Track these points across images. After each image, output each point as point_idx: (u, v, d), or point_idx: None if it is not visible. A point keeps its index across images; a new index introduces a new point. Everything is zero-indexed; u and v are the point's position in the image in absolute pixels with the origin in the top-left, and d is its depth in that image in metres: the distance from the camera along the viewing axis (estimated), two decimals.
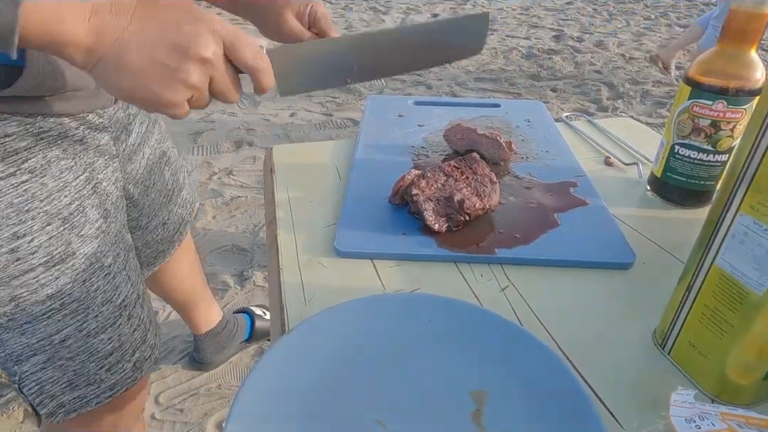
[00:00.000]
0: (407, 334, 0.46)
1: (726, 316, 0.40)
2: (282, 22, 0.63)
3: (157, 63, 0.41)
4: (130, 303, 0.65)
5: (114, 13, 0.40)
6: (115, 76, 0.41)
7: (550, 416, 0.39)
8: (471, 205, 0.60)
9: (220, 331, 1.28)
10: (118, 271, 0.64)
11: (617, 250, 0.58)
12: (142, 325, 0.68)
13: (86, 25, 0.39)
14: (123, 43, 0.40)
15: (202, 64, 0.42)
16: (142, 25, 0.41)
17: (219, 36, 0.43)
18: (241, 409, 0.38)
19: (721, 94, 0.59)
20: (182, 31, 0.41)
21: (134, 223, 0.78)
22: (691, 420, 0.37)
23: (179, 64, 0.42)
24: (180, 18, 0.42)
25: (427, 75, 3.25)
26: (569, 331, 0.49)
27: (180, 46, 0.41)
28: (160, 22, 0.41)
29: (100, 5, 0.39)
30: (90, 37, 0.39)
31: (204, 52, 0.42)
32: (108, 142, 0.64)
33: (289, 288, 0.54)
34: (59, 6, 0.38)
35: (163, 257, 0.89)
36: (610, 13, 4.68)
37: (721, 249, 0.40)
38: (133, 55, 0.41)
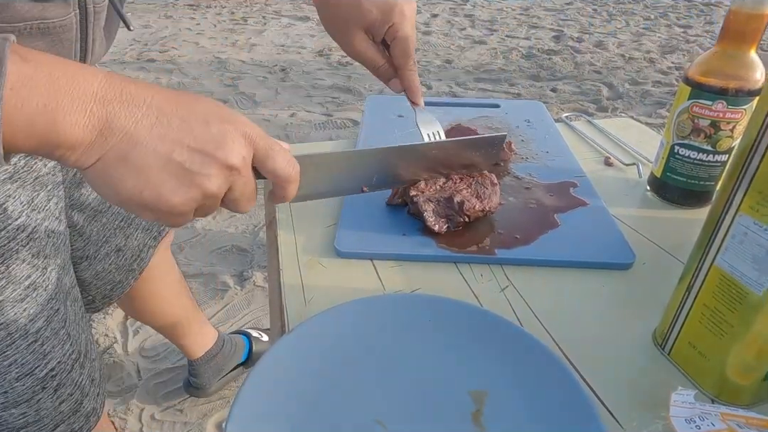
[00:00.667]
0: (407, 334, 0.46)
1: (726, 317, 0.40)
2: (349, 38, 0.57)
3: (175, 164, 0.35)
4: (63, 369, 0.57)
5: (125, 103, 0.33)
6: (118, 176, 0.34)
7: (550, 416, 0.39)
8: (471, 206, 0.60)
9: (217, 352, 1.19)
10: (51, 334, 0.55)
11: (617, 250, 0.58)
12: (77, 391, 0.59)
13: (86, 118, 0.32)
14: (134, 137, 0.33)
15: (227, 171, 0.37)
16: (162, 118, 0.34)
17: (250, 140, 0.38)
18: (241, 409, 0.38)
19: (720, 94, 0.59)
20: (210, 130, 0.36)
21: (79, 253, 0.69)
22: (691, 420, 0.37)
23: (201, 168, 0.35)
24: (208, 116, 0.36)
25: (427, 75, 3.25)
26: (569, 332, 0.49)
27: (205, 147, 0.35)
28: (184, 118, 0.35)
29: (106, 93, 0.33)
30: (89, 132, 0.32)
31: (232, 157, 0.36)
32: (51, 170, 0.56)
33: (289, 288, 0.54)
34: (49, 99, 0.31)
35: (121, 288, 0.78)
36: (609, 14, 4.68)
37: (720, 249, 0.40)
38: (145, 151, 0.34)
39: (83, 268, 0.71)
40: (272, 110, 2.78)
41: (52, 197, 0.56)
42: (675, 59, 3.49)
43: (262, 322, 1.47)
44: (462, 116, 0.90)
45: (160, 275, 0.95)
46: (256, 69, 3.36)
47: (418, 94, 0.62)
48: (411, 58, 0.59)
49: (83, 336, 0.61)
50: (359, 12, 0.55)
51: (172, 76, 3.21)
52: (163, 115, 0.35)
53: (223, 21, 4.47)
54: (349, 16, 0.56)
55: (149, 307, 1.00)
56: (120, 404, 1.24)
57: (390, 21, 0.56)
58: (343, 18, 0.57)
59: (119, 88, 0.34)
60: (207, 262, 1.69)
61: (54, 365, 0.56)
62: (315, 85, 3.08)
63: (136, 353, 1.37)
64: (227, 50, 3.71)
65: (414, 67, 0.60)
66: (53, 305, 0.55)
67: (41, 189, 0.55)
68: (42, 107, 0.31)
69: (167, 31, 4.16)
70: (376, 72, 0.61)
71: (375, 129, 0.86)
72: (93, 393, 0.62)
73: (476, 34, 4.12)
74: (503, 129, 0.87)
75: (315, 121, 2.65)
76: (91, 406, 0.62)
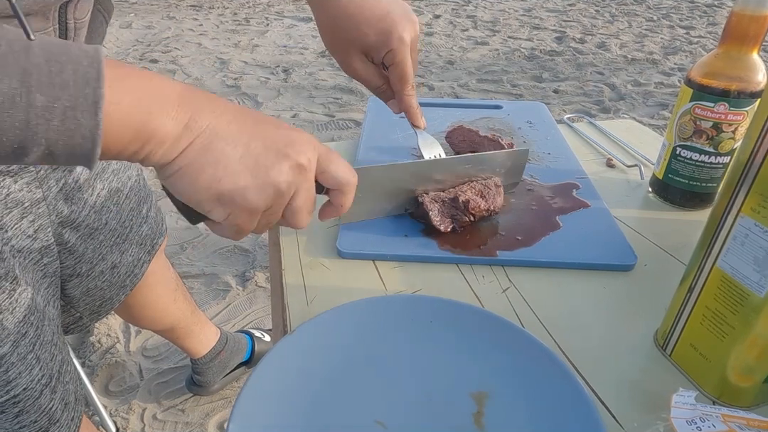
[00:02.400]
0: (408, 335, 0.46)
1: (727, 318, 0.40)
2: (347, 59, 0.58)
3: (251, 156, 0.37)
4: (29, 396, 0.55)
5: (207, 101, 0.36)
6: (198, 166, 0.36)
7: (551, 418, 0.39)
8: (476, 205, 0.60)
9: (220, 349, 1.20)
10: (17, 359, 0.53)
11: (619, 251, 0.58)
12: (42, 418, 0.57)
13: (175, 111, 0.34)
14: (215, 129, 0.36)
15: (296, 170, 0.38)
16: (238, 116, 0.37)
17: (316, 147, 0.40)
18: (243, 409, 0.38)
19: (723, 96, 0.59)
20: (280, 132, 0.39)
21: (69, 270, 0.67)
22: (692, 422, 0.37)
23: (274, 163, 0.37)
24: (277, 123, 0.39)
25: (429, 76, 3.25)
26: (570, 333, 0.49)
27: (278, 145, 0.38)
28: (258, 120, 0.38)
29: (189, 94, 0.35)
30: (178, 125, 0.35)
31: (301, 156, 0.38)
32: (24, 187, 0.54)
33: (291, 289, 0.54)
34: (144, 95, 0.33)
35: (110, 304, 0.76)
36: (612, 15, 4.67)
37: (722, 251, 0.40)
38: (225, 142, 0.36)
39: (73, 285, 0.69)
40: (274, 111, 2.78)
41: (26, 215, 0.55)
42: (677, 60, 3.49)
43: (264, 323, 1.47)
44: (464, 117, 0.90)
45: (154, 283, 0.94)
46: (259, 70, 3.36)
47: (417, 117, 0.62)
48: (408, 83, 0.58)
49: (58, 357, 0.59)
50: (357, 35, 0.55)
51: (175, 77, 3.22)
52: (240, 114, 0.37)
53: (226, 22, 4.48)
54: (347, 38, 0.56)
55: (146, 314, 0.99)
56: (122, 404, 1.24)
57: (388, 47, 0.55)
58: (342, 39, 0.57)
59: (199, 92, 0.37)
60: (209, 262, 1.69)
61: (18, 392, 0.54)
62: (317, 86, 3.08)
63: (138, 353, 1.38)
64: (230, 51, 3.72)
65: (412, 92, 0.60)
66: (21, 328, 0.53)
67: (14, 207, 0.54)
68: (137, 102, 0.33)
69: (170, 31, 4.17)
70: (375, 92, 0.62)
71: (377, 130, 0.86)
72: (65, 419, 0.60)
73: (478, 35, 4.12)
74: (505, 130, 0.87)
75: (317, 122, 2.65)
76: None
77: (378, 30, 0.55)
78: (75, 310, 0.73)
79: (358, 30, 0.55)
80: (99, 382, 1.30)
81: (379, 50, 0.56)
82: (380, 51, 0.56)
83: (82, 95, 0.30)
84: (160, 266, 0.94)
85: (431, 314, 0.47)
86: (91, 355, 1.37)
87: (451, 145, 0.79)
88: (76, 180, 0.62)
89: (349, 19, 0.55)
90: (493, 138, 0.74)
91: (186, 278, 1.61)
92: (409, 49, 0.57)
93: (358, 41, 0.56)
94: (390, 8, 0.55)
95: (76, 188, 0.62)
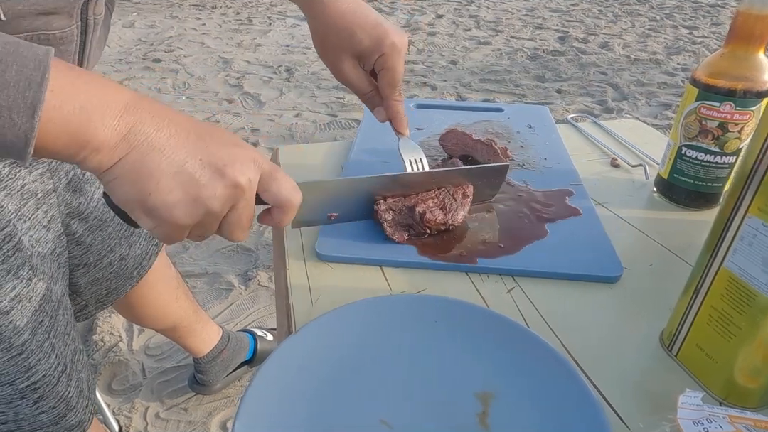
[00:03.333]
0: (414, 335, 0.46)
1: (734, 319, 0.40)
2: (338, 64, 0.59)
3: (186, 174, 0.36)
4: (47, 383, 0.57)
5: (151, 114, 0.36)
6: (132, 177, 0.36)
7: (557, 418, 0.39)
8: (432, 219, 0.57)
9: (223, 347, 1.20)
10: (36, 347, 0.55)
11: (604, 262, 0.56)
12: (60, 404, 0.59)
13: (116, 121, 0.35)
14: (153, 143, 0.36)
15: (232, 189, 0.38)
16: (180, 131, 0.37)
17: (258, 165, 0.40)
18: (248, 409, 0.38)
19: (728, 95, 0.59)
20: (222, 149, 0.38)
21: (77, 261, 0.68)
22: (699, 422, 0.37)
23: (209, 181, 0.37)
24: (222, 138, 0.39)
25: (432, 76, 3.25)
26: (575, 333, 0.49)
27: (217, 163, 0.37)
28: (201, 135, 0.38)
29: (135, 104, 0.36)
30: (116, 135, 0.35)
31: (240, 176, 0.38)
32: (38, 178, 0.56)
33: (295, 289, 0.54)
34: (86, 102, 0.34)
35: (115, 294, 0.78)
36: (615, 15, 4.66)
37: (729, 251, 0.40)
38: (160, 158, 0.36)
39: (79, 275, 0.70)
40: (277, 110, 2.78)
41: (41, 206, 0.57)
42: (681, 60, 3.48)
43: (266, 322, 1.47)
44: (463, 120, 0.90)
45: (155, 280, 0.94)
46: (261, 69, 3.36)
47: (403, 124, 0.63)
48: (397, 89, 0.60)
49: (71, 346, 0.61)
50: (352, 40, 0.57)
51: (178, 76, 3.22)
52: (182, 129, 0.37)
53: (229, 21, 4.48)
54: (341, 43, 0.58)
55: (148, 312, 1.00)
56: (125, 402, 1.24)
57: (380, 51, 0.57)
58: (335, 44, 0.59)
59: (147, 103, 0.37)
60: (212, 261, 1.69)
61: (38, 378, 0.56)
62: (320, 86, 3.08)
63: (141, 352, 1.38)
64: (232, 50, 3.72)
65: (400, 98, 0.61)
66: (38, 317, 0.55)
67: (30, 198, 0.55)
68: (79, 108, 0.33)
69: (173, 31, 4.17)
70: (363, 98, 0.63)
71: (372, 132, 0.85)
72: (80, 405, 0.62)
73: (481, 34, 4.11)
74: (503, 134, 0.85)
75: (320, 122, 2.65)
76: (76, 419, 0.61)
77: (371, 35, 0.57)
78: (81, 299, 0.74)
79: (353, 35, 0.57)
80: (102, 381, 1.30)
81: (371, 55, 0.58)
82: (372, 55, 0.58)
83: (22, 97, 0.31)
84: (161, 264, 0.95)
85: (436, 314, 0.46)
86: (94, 353, 1.37)
87: (445, 149, 0.78)
88: (84, 172, 0.63)
89: (344, 26, 0.57)
90: (487, 142, 0.73)
91: (189, 277, 1.62)
92: (400, 57, 0.59)
93: (352, 46, 0.58)
94: (381, 20, 0.58)
95: (84, 180, 0.64)
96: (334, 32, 0.58)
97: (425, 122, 0.89)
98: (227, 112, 2.75)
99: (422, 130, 0.87)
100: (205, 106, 2.80)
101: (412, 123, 0.89)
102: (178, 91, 3.01)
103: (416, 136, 0.85)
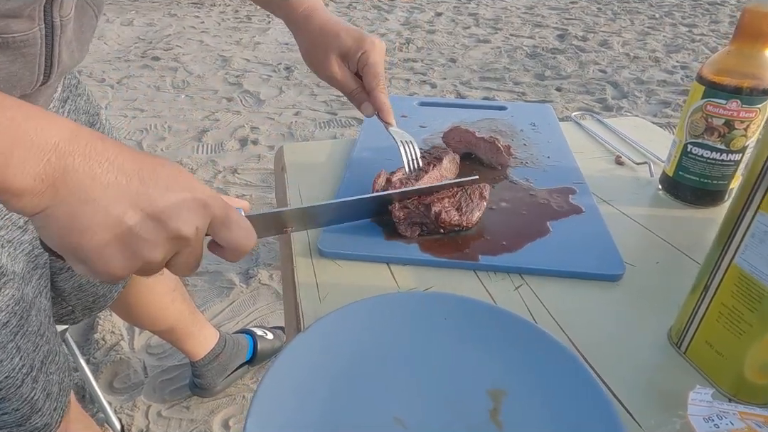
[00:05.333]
0: (424, 332, 0.45)
1: (744, 316, 0.40)
2: (326, 63, 0.64)
3: (125, 227, 0.33)
4: (10, 384, 0.55)
5: (86, 158, 0.32)
6: (61, 230, 0.33)
7: (568, 415, 0.39)
8: (447, 219, 0.58)
9: (219, 351, 1.20)
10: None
11: (606, 260, 0.56)
12: (24, 406, 0.58)
13: (40, 168, 0.31)
14: (88, 194, 0.32)
15: (176, 241, 0.36)
16: (121, 178, 0.33)
17: (209, 211, 0.37)
18: (259, 407, 0.38)
19: (735, 93, 0.59)
20: (168, 198, 0.35)
21: (60, 264, 0.68)
22: (710, 419, 0.37)
23: (150, 235, 0.34)
24: (170, 181, 0.35)
25: (432, 74, 3.24)
26: (583, 330, 0.49)
27: (160, 215, 0.34)
28: (145, 181, 0.34)
29: (68, 146, 0.32)
30: (40, 183, 0.31)
31: (185, 229, 0.35)
32: None
33: (303, 287, 0.54)
34: (8, 143, 0.30)
35: (103, 301, 0.77)
36: (614, 13, 4.66)
37: (740, 248, 0.40)
38: (96, 211, 0.32)
39: (63, 279, 0.69)
40: (277, 108, 2.78)
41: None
42: (680, 58, 3.48)
43: (267, 320, 1.47)
44: (467, 118, 0.90)
45: (154, 282, 0.94)
46: (261, 67, 3.36)
47: (389, 114, 0.66)
48: (381, 81, 0.65)
49: (43, 348, 0.59)
50: (337, 40, 0.64)
51: (177, 74, 3.21)
52: (123, 174, 0.34)
53: (227, 19, 4.47)
54: (328, 44, 0.64)
55: (145, 314, 0.99)
56: (127, 401, 1.24)
57: (362, 49, 0.63)
58: (322, 46, 0.65)
59: (84, 143, 0.33)
60: (212, 259, 1.69)
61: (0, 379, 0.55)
62: (319, 84, 3.08)
63: (143, 350, 1.38)
64: (231, 48, 3.71)
65: (384, 90, 0.65)
66: (2, 317, 0.53)
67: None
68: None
69: (171, 29, 4.16)
70: (350, 95, 0.67)
71: (375, 129, 0.84)
72: (47, 408, 0.61)
73: (480, 32, 4.11)
74: (506, 132, 0.85)
75: (319, 120, 2.65)
76: (42, 422, 0.60)
77: (354, 37, 0.64)
78: (67, 303, 0.74)
79: (338, 36, 0.64)
80: (103, 380, 1.30)
81: (355, 53, 0.64)
82: (356, 53, 0.64)
83: None
84: None
85: (447, 311, 0.46)
86: (95, 352, 1.37)
87: (448, 146, 0.78)
88: None
89: (329, 30, 0.64)
90: (490, 140, 0.73)
91: (189, 276, 1.61)
92: (380, 55, 0.65)
93: (338, 46, 0.64)
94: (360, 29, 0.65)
95: None
96: (321, 36, 0.65)
97: (428, 120, 0.89)
98: (227, 110, 2.75)
99: (425, 127, 0.87)
100: (205, 104, 2.79)
101: (415, 121, 0.89)
102: (177, 90, 3.00)
103: (419, 133, 0.85)
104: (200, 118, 2.65)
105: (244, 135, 2.49)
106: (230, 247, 0.40)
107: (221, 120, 2.64)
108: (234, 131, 2.53)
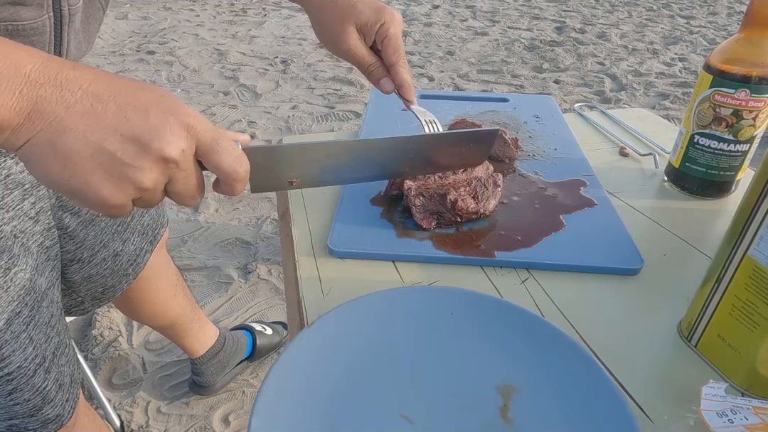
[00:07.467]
0: (430, 327, 0.45)
1: (759, 309, 0.39)
2: (342, 36, 0.59)
3: (106, 153, 0.33)
4: (22, 375, 0.55)
5: (59, 87, 0.32)
6: (45, 163, 0.33)
7: (579, 411, 0.38)
8: (464, 207, 0.57)
9: (219, 349, 1.19)
10: (11, 337, 0.53)
11: (625, 254, 0.55)
12: (36, 397, 0.58)
13: (14, 100, 0.31)
14: (63, 123, 0.32)
15: (163, 164, 0.35)
16: (96, 105, 0.33)
17: (194, 133, 0.36)
18: (264, 404, 0.37)
19: (743, 82, 0.58)
20: (148, 120, 0.34)
21: (70, 255, 0.67)
22: (723, 414, 0.36)
23: (134, 160, 0.33)
24: (149, 104, 0.34)
25: (429, 67, 3.22)
26: (591, 323, 0.48)
27: (140, 137, 0.33)
28: (122, 106, 0.33)
29: (39, 76, 0.32)
30: (17, 114, 0.31)
31: (169, 150, 0.34)
32: (24, 170, 0.54)
33: (306, 281, 0.53)
34: None
35: (112, 292, 0.77)
36: (612, 4, 4.65)
37: (754, 240, 0.39)
38: (74, 139, 0.32)
39: (74, 270, 0.69)
40: (273, 102, 2.76)
41: (28, 197, 0.55)
42: (678, 50, 3.47)
43: (266, 315, 1.46)
44: (470, 110, 0.89)
45: (155, 277, 0.93)
46: (257, 61, 3.33)
47: (411, 91, 0.62)
48: (403, 55, 0.60)
49: (54, 339, 0.59)
50: (354, 11, 0.59)
51: (173, 68, 3.19)
52: (98, 101, 0.33)
53: (223, 13, 4.44)
54: (344, 15, 0.59)
55: (146, 308, 0.99)
56: (126, 397, 1.23)
57: (381, 20, 0.59)
58: (338, 17, 0.59)
59: (55, 72, 0.32)
60: (211, 255, 1.68)
61: (12, 369, 0.54)
62: (316, 77, 3.06)
63: (141, 346, 1.37)
64: (227, 42, 3.68)
65: (406, 65, 0.61)
66: (15, 307, 0.53)
67: (15, 188, 0.54)
68: None
69: (166, 23, 4.13)
70: (368, 70, 0.62)
71: (377, 123, 0.84)
72: (59, 399, 0.60)
73: (478, 25, 4.09)
74: (511, 124, 0.85)
75: (316, 114, 2.63)
76: (53, 413, 0.60)
77: (371, 7, 0.59)
78: (77, 295, 0.74)
79: (354, 8, 0.59)
80: (102, 376, 1.29)
81: (373, 24, 0.59)
82: (374, 25, 0.59)
83: None
84: (161, 260, 0.94)
85: (454, 306, 0.45)
86: (93, 348, 1.35)
87: None
88: None
89: (344, 2, 0.59)
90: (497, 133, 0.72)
91: (188, 271, 1.60)
92: (400, 27, 0.60)
93: (355, 17, 0.59)
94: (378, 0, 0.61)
95: None
96: (336, 7, 0.59)
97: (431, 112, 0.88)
98: (223, 104, 2.72)
99: None
100: (201, 98, 2.77)
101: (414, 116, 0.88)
102: (173, 84, 2.98)
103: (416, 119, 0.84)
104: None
105: (241, 129, 2.47)
106: (221, 174, 0.38)
107: (218, 114, 2.62)
108: (231, 125, 2.51)
